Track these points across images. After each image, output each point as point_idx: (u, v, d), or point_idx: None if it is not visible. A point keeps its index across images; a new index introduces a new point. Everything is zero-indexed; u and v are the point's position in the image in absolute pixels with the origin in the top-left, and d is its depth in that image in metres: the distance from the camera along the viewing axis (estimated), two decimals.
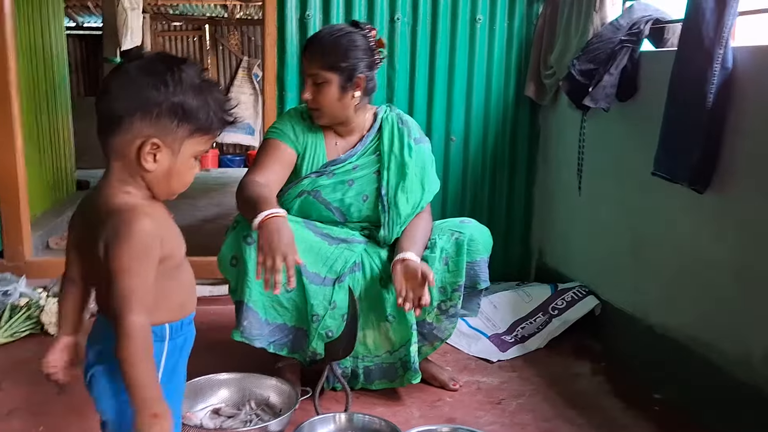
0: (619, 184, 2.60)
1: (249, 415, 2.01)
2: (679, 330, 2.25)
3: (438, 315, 2.20)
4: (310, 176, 2.20)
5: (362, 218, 2.25)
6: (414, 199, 2.22)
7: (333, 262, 2.13)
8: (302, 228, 2.15)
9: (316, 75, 2.08)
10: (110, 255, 1.14)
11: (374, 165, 2.23)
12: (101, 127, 1.19)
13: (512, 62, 3.14)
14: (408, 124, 2.27)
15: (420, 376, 2.18)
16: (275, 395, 2.08)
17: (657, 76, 2.34)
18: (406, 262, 2.06)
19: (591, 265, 2.84)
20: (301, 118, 2.23)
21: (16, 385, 2.21)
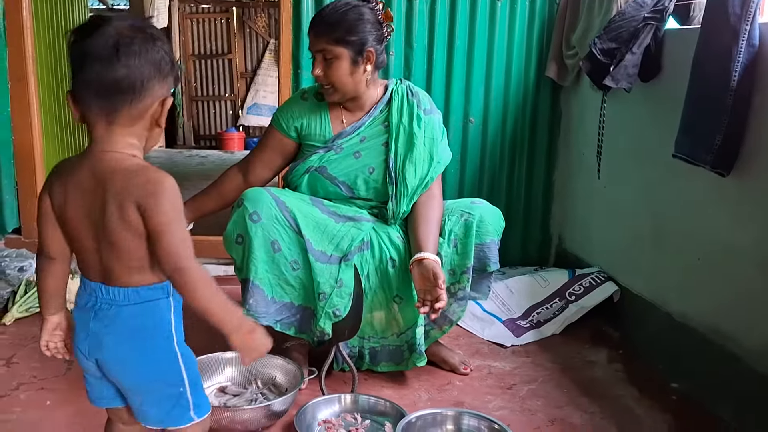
0: (640, 167, 2.52)
1: (254, 394, 2.00)
2: (698, 319, 2.18)
3: (447, 298, 2.16)
4: (318, 152, 2.18)
5: (370, 192, 2.21)
6: (422, 171, 2.18)
7: (339, 240, 2.10)
8: (309, 205, 2.12)
9: (326, 50, 2.04)
10: (152, 213, 1.17)
11: (382, 136, 2.20)
12: (113, 97, 1.18)
13: (533, 42, 3.05)
14: (418, 96, 2.23)
15: (425, 360, 2.14)
16: (281, 375, 2.06)
17: (681, 55, 2.25)
18: (422, 262, 2.03)
19: (610, 251, 2.77)
20: (302, 98, 2.23)
21: (25, 360, 2.23)
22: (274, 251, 2.03)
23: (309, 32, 2.10)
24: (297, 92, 2.30)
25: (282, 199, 2.07)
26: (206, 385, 2.03)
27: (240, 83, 9.04)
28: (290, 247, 2.04)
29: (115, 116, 1.19)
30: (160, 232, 1.18)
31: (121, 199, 1.17)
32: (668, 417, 2.03)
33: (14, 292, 2.60)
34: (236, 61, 8.98)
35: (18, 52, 2.78)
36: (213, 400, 1.98)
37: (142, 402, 1.31)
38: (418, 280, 2.02)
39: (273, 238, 2.02)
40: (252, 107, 9.02)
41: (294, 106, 2.22)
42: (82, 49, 1.18)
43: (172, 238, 1.18)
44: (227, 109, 9.13)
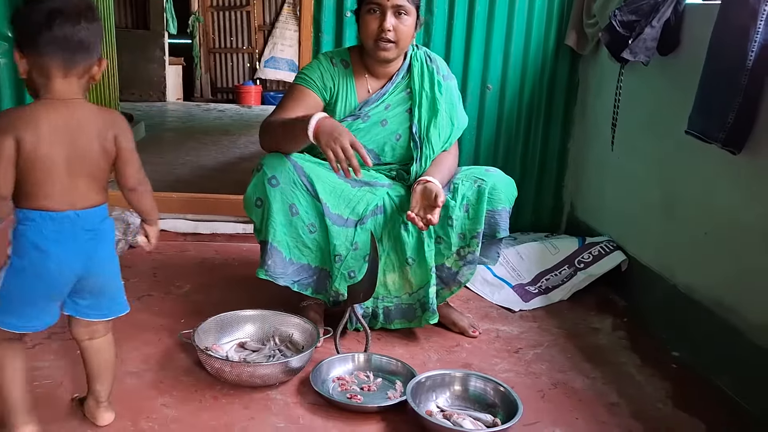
0: (654, 140, 2.56)
1: (272, 350, 2.10)
2: (703, 291, 2.25)
3: (456, 260, 2.24)
4: (347, 120, 2.23)
5: (395, 158, 2.30)
6: (445, 135, 2.29)
7: (356, 204, 2.18)
8: (326, 170, 2.18)
9: (403, 6, 2.11)
10: (125, 141, 1.52)
11: (405, 103, 2.28)
12: (79, 53, 1.45)
13: (554, 9, 3.05)
14: (436, 62, 2.31)
15: (437, 317, 2.23)
16: (298, 333, 2.16)
17: (701, 30, 2.26)
18: (427, 183, 2.12)
19: (621, 220, 2.83)
20: (331, 63, 2.26)
21: None
22: (292, 215, 2.10)
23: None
24: (323, 55, 2.30)
25: (300, 164, 2.14)
26: (226, 341, 2.14)
27: (258, 36, 9.02)
28: (307, 211, 2.12)
29: (72, 70, 1.45)
30: (131, 156, 1.55)
31: (105, 134, 1.49)
32: (667, 384, 2.11)
33: None
34: (254, 14, 8.95)
35: None
36: (233, 354, 2.09)
37: (106, 297, 1.64)
38: (417, 196, 2.11)
39: (291, 201, 2.09)
40: (269, 60, 9.02)
41: (326, 68, 2.24)
42: (52, 10, 1.41)
43: (137, 160, 1.57)
44: (244, 62, 9.13)
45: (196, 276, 2.72)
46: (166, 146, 5.07)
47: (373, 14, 2.12)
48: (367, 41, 2.17)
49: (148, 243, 1.72)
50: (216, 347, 2.09)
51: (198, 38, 8.75)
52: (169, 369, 2.01)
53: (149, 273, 2.73)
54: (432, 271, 2.19)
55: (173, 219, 3.11)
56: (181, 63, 8.42)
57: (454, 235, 2.19)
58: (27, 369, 1.84)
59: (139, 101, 7.52)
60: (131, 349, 2.11)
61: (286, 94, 2.26)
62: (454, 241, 2.20)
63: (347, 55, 2.29)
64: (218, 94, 9.09)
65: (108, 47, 4.62)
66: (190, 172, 4.27)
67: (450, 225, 2.18)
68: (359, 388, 1.96)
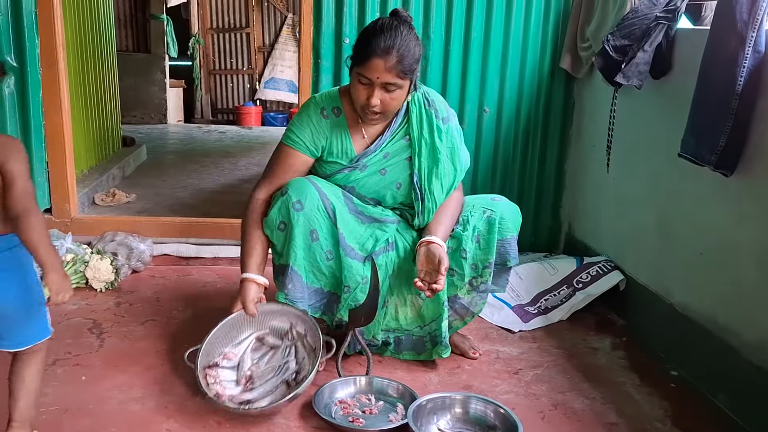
0: (648, 161, 2.60)
1: (288, 348, 2.08)
2: (699, 311, 2.28)
3: (469, 291, 2.27)
4: (343, 171, 2.19)
5: (397, 203, 2.28)
6: (448, 183, 2.23)
7: (365, 241, 2.18)
8: (340, 201, 2.17)
9: (393, 83, 1.99)
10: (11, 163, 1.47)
11: (405, 151, 2.21)
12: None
13: (549, 33, 3.11)
14: (435, 104, 2.22)
15: (450, 351, 2.26)
16: (311, 335, 2.10)
17: (692, 54, 2.30)
18: (429, 246, 2.10)
19: (618, 241, 2.86)
20: (322, 116, 2.16)
21: (60, 336, 2.36)
22: (312, 240, 2.10)
23: (370, 56, 1.96)
24: (313, 106, 2.19)
25: (324, 190, 2.12)
26: (247, 333, 2.13)
27: (257, 57, 9.10)
28: (326, 238, 2.11)
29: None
30: (15, 178, 1.47)
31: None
32: (666, 404, 2.13)
33: None
34: (254, 35, 9.03)
35: (49, 40, 2.87)
36: (248, 358, 2.07)
37: (14, 326, 1.58)
38: (422, 260, 2.11)
39: (313, 227, 2.09)
40: (269, 81, 9.09)
41: (316, 124, 2.16)
42: None
43: (26, 183, 1.49)
44: (245, 83, 9.21)
45: (198, 300, 2.75)
46: (168, 169, 5.11)
47: (363, 84, 2.01)
48: (356, 105, 2.09)
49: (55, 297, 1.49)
50: (228, 355, 2.07)
51: (198, 60, 8.84)
52: (173, 394, 2.04)
53: (152, 298, 2.76)
54: (445, 305, 2.21)
55: (176, 243, 3.14)
56: (182, 86, 8.50)
57: (467, 266, 2.22)
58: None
59: (141, 123, 7.58)
60: (134, 374, 2.14)
61: (274, 154, 2.22)
62: (467, 272, 2.23)
63: (338, 101, 2.18)
64: (218, 115, 9.17)
65: (109, 70, 4.69)
66: (192, 194, 4.31)
67: (463, 258, 2.21)
68: (361, 411, 1.99)
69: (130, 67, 7.05)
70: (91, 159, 4.20)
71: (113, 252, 2.89)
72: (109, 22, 4.67)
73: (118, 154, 4.81)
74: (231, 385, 2.00)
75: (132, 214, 3.67)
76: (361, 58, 1.99)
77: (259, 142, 6.83)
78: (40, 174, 3.00)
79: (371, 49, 1.96)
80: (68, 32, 3.47)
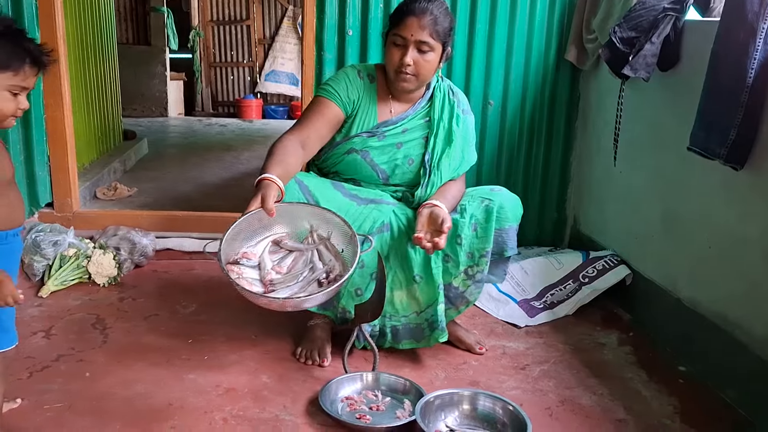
0: (656, 155, 2.58)
1: (309, 251, 1.98)
2: (707, 306, 2.26)
3: (465, 279, 2.25)
4: (362, 135, 2.25)
5: (404, 180, 2.32)
6: (454, 165, 2.30)
7: (361, 222, 2.19)
8: (331, 189, 2.21)
9: (426, 42, 2.11)
10: None
11: (423, 130, 2.30)
12: None
13: (554, 25, 3.08)
14: (458, 96, 2.34)
15: (447, 335, 2.24)
16: (337, 233, 2.00)
17: (700, 46, 2.28)
18: (433, 207, 2.14)
19: (624, 235, 2.84)
20: (358, 76, 2.27)
21: (63, 332, 2.35)
22: None
23: (406, 15, 2.11)
24: (351, 67, 2.31)
25: (306, 183, 2.16)
26: (264, 236, 1.99)
27: (258, 49, 9.05)
28: None
29: None
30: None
31: None
32: (674, 399, 2.12)
33: (49, 265, 2.71)
34: (254, 27, 8.98)
35: (50, 33, 2.85)
36: (267, 260, 1.94)
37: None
38: (424, 220, 2.12)
39: None
40: (270, 74, 9.04)
41: (352, 81, 2.25)
42: None
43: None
44: (245, 76, 9.16)
45: (202, 295, 2.73)
46: (169, 163, 5.09)
47: (397, 46, 2.13)
48: (389, 70, 2.19)
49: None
50: (247, 254, 1.93)
51: (199, 53, 8.79)
52: (179, 390, 2.02)
53: (155, 293, 2.74)
54: (440, 289, 2.21)
55: (179, 237, 3.12)
56: (182, 78, 8.45)
57: (462, 253, 2.21)
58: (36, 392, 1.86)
59: (141, 116, 7.54)
60: (139, 370, 2.13)
61: (309, 105, 2.27)
62: (462, 259, 2.21)
63: (374, 70, 2.30)
64: (219, 108, 9.12)
65: (110, 63, 4.65)
66: (194, 189, 4.28)
67: (459, 243, 2.20)
68: (368, 407, 1.97)
69: (130, 59, 7.00)
70: (92, 152, 4.17)
71: (116, 246, 2.87)
72: (109, 14, 4.64)
73: (119, 148, 4.79)
74: (257, 283, 1.89)
75: (134, 208, 3.66)
76: (398, 19, 2.14)
77: (260, 135, 6.80)
78: (42, 168, 2.98)
79: (408, 9, 2.13)
80: (69, 24, 3.44)
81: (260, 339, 2.36)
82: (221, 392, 2.02)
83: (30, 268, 2.70)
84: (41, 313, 2.49)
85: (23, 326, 2.36)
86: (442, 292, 2.22)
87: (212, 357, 2.24)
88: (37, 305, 2.55)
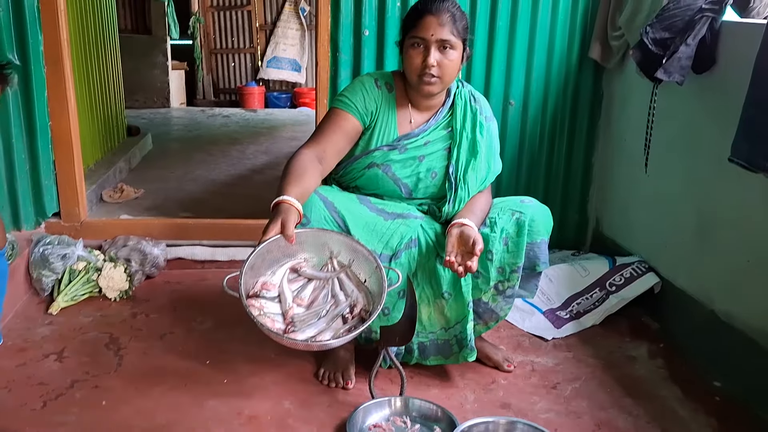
0: (689, 160, 2.47)
1: (330, 281, 1.91)
2: (744, 320, 2.17)
3: (495, 295, 2.16)
4: (382, 149, 2.15)
5: (427, 195, 2.22)
6: (481, 177, 2.20)
7: (389, 238, 2.10)
8: (357, 204, 2.12)
9: (448, 41, 2.01)
10: None
11: (445, 141, 2.19)
12: None
13: (577, 21, 2.96)
14: (480, 102, 2.23)
15: (475, 354, 2.17)
16: (359, 261, 1.93)
17: (739, 48, 2.18)
18: (463, 227, 2.03)
19: (652, 240, 2.74)
20: (375, 85, 2.15)
21: (76, 354, 2.26)
22: None
23: (423, 15, 2.02)
24: (367, 76, 2.19)
25: (330, 199, 2.06)
26: (283, 262, 1.91)
27: (259, 36, 8.89)
28: None
29: None
30: None
31: None
32: (713, 420, 2.04)
33: (59, 280, 2.62)
34: (255, 13, 8.82)
35: (53, 36, 2.72)
36: (287, 290, 1.86)
37: None
38: (454, 241, 2.02)
39: None
40: (272, 60, 8.90)
41: (370, 90, 2.14)
42: None
43: None
44: (247, 63, 9.00)
45: (217, 309, 2.63)
46: (174, 159, 4.97)
47: (417, 48, 2.03)
48: (411, 75, 2.08)
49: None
50: (266, 285, 1.86)
51: (199, 39, 8.63)
52: (199, 419, 1.94)
53: (169, 307, 2.65)
54: (469, 306, 2.12)
55: (190, 246, 3.02)
56: (184, 68, 8.31)
57: (493, 269, 2.12)
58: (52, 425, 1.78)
59: (143, 108, 7.41)
60: (157, 397, 2.04)
61: (324, 117, 2.16)
62: (493, 275, 2.12)
63: (391, 78, 2.18)
64: (221, 95, 8.98)
65: (112, 57, 4.52)
66: (202, 188, 4.18)
67: (489, 259, 2.11)
68: None
69: (131, 49, 6.84)
70: (96, 152, 4.06)
71: (126, 258, 2.78)
72: (110, 6, 4.49)
73: (123, 145, 4.67)
74: (279, 318, 1.82)
75: (141, 210, 3.56)
76: (414, 21, 2.04)
77: (265, 127, 6.68)
78: (48, 177, 2.87)
79: (424, 9, 2.03)
80: (71, 20, 3.31)
81: (280, 359, 2.28)
82: (243, 421, 1.94)
83: (39, 283, 2.61)
84: (52, 332, 2.41)
85: (35, 348, 2.29)
86: (471, 310, 2.13)
87: (232, 380, 2.15)
88: (48, 323, 2.47)
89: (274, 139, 5.96)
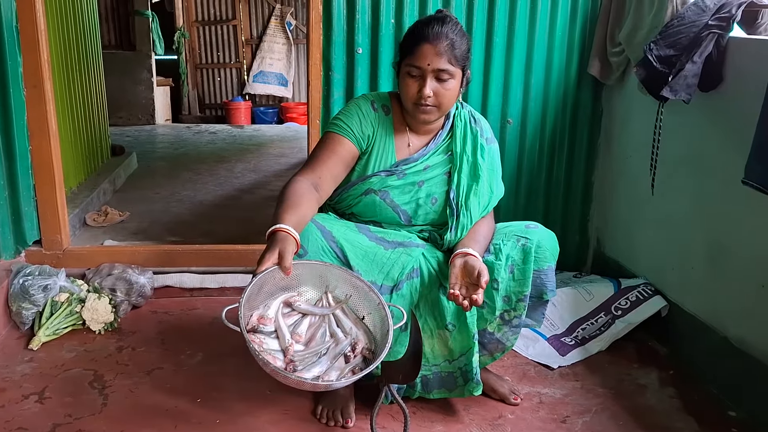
0: (697, 181, 2.40)
1: (325, 317, 1.81)
2: (760, 348, 2.09)
3: (500, 325, 2.06)
4: (380, 174, 2.05)
5: (427, 221, 2.12)
6: (484, 202, 2.10)
7: (390, 269, 2.00)
8: (356, 233, 2.01)
9: (445, 70, 1.91)
10: None
11: (445, 166, 2.09)
12: None
13: (576, 38, 2.88)
14: (480, 123, 2.14)
15: (481, 388, 2.07)
16: (357, 295, 1.84)
17: (747, 65, 2.12)
18: (467, 257, 1.93)
19: (658, 262, 2.66)
20: (372, 108, 2.06)
21: (58, 394, 2.13)
22: None
23: (420, 43, 1.91)
24: (363, 98, 2.10)
25: (328, 228, 1.96)
26: (276, 295, 1.80)
27: (245, 50, 8.82)
28: None
29: None
30: None
31: None
32: None
33: (40, 313, 2.49)
34: (241, 27, 8.74)
35: (33, 58, 2.60)
36: (282, 324, 1.75)
37: None
38: (457, 272, 1.91)
39: None
40: (258, 75, 8.83)
41: (366, 113, 2.05)
42: None
43: None
44: (233, 77, 8.93)
45: (207, 341, 2.51)
46: (160, 179, 4.84)
47: (413, 77, 1.93)
48: (407, 103, 1.99)
49: None
50: (263, 319, 1.76)
51: (184, 54, 8.53)
52: None
53: (156, 339, 2.53)
54: (474, 338, 2.02)
55: (178, 273, 2.90)
56: (169, 84, 8.19)
57: (498, 298, 2.02)
58: None
59: (127, 125, 7.28)
60: None
61: (319, 142, 2.06)
62: (499, 304, 2.03)
63: (388, 100, 2.09)
64: (206, 110, 8.88)
65: (96, 75, 4.40)
66: (189, 209, 4.06)
67: (495, 288, 2.01)
68: None
69: (115, 66, 6.72)
70: (79, 174, 3.93)
71: (111, 288, 2.65)
72: (93, 22, 4.37)
73: (107, 166, 4.54)
74: (280, 356, 1.72)
75: (126, 235, 3.43)
76: (411, 48, 1.93)
77: (252, 144, 6.56)
78: (28, 203, 2.74)
79: (421, 36, 1.92)
80: (51, 38, 3.20)
81: (276, 395, 2.16)
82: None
83: (18, 316, 2.48)
84: (33, 370, 2.27)
85: (14, 388, 2.16)
86: (477, 341, 2.03)
87: (225, 420, 2.03)
88: (28, 360, 2.33)
89: (262, 156, 5.85)
